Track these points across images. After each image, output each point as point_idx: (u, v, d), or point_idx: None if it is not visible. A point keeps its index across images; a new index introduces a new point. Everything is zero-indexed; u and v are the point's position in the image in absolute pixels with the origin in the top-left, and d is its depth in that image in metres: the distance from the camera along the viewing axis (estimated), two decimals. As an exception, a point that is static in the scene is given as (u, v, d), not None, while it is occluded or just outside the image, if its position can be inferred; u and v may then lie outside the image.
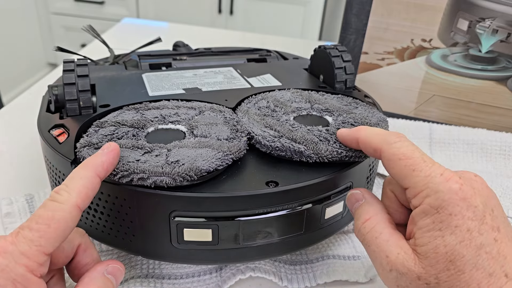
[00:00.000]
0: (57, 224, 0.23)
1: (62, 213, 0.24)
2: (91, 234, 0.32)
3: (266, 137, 0.32)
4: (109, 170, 0.27)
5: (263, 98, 0.39)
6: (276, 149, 0.31)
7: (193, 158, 0.28)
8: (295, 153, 0.31)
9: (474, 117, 0.55)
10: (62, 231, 0.24)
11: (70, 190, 0.25)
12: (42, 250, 0.23)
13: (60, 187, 0.25)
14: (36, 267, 0.23)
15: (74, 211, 0.24)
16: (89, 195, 0.25)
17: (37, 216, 0.23)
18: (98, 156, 0.27)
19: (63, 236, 0.24)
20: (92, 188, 0.26)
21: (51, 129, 0.34)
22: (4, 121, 0.55)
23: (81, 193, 0.25)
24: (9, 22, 1.88)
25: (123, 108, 0.36)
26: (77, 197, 0.25)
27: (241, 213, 0.28)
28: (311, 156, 0.30)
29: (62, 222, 0.24)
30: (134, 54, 0.52)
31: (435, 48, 0.53)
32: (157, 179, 0.27)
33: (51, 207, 0.24)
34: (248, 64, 0.51)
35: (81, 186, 0.25)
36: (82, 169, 0.26)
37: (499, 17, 0.49)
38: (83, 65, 0.36)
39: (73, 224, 0.24)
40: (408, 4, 0.51)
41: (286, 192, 0.28)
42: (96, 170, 0.26)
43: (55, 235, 0.23)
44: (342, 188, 0.31)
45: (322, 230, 0.32)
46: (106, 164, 0.27)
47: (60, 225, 0.23)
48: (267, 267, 0.34)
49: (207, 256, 0.30)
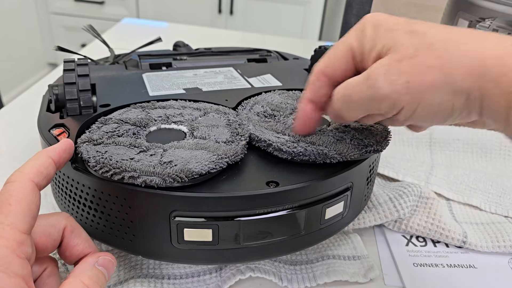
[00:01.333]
0: (17, 199, 0.24)
1: (17, 189, 0.24)
2: (91, 234, 0.32)
3: (285, 143, 0.31)
4: (60, 154, 0.28)
5: (256, 102, 0.38)
6: (299, 154, 0.30)
7: (187, 159, 0.28)
8: (319, 156, 0.30)
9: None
10: (26, 206, 0.24)
11: (21, 169, 0.26)
12: (15, 227, 0.23)
13: (15, 171, 0.26)
14: (16, 245, 0.23)
15: (29, 184, 0.25)
16: (41, 171, 0.26)
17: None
18: (50, 146, 0.28)
19: (28, 210, 0.24)
20: (44, 165, 0.26)
21: (51, 128, 0.34)
22: (4, 121, 0.55)
23: (33, 168, 0.26)
24: (9, 22, 1.88)
25: (130, 105, 0.36)
26: (28, 172, 0.25)
27: (241, 213, 0.28)
28: (335, 157, 0.30)
29: (20, 197, 0.24)
30: (134, 54, 0.52)
31: None
32: (147, 179, 0.27)
33: (7, 188, 0.24)
34: (248, 64, 0.51)
35: (32, 163, 0.26)
36: (36, 153, 0.27)
37: (499, 17, 0.49)
38: (84, 64, 0.36)
39: (33, 197, 0.25)
40: (408, 4, 0.51)
41: (286, 192, 0.28)
42: (47, 153, 0.27)
43: (20, 209, 0.23)
44: (343, 189, 0.31)
45: (322, 230, 0.32)
46: (58, 149, 0.28)
47: (20, 200, 0.24)
48: (267, 267, 0.34)
49: (207, 256, 0.30)
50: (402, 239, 0.40)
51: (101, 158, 0.28)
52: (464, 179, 0.47)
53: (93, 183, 0.29)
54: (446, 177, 0.47)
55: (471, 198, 0.45)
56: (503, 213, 0.43)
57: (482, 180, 0.47)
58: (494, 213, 0.43)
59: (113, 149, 0.29)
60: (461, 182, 0.47)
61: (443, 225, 0.39)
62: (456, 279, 0.36)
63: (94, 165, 0.28)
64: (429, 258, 0.38)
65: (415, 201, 0.40)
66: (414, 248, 0.39)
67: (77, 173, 0.30)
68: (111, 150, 0.29)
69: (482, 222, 0.42)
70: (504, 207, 0.44)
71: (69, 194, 0.31)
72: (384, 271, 0.36)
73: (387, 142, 0.33)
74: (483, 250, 0.38)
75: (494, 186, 0.46)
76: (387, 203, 0.39)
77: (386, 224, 0.40)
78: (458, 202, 0.45)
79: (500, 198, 0.45)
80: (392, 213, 0.39)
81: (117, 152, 0.29)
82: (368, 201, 0.38)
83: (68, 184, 0.31)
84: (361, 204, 0.35)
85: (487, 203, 0.44)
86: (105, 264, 0.28)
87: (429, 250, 0.39)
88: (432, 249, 0.39)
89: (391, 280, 0.35)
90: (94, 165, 0.28)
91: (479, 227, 0.41)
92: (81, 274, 0.26)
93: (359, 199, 0.34)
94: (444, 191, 0.45)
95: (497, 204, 0.44)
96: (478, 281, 0.36)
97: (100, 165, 0.28)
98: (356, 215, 0.36)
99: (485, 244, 0.39)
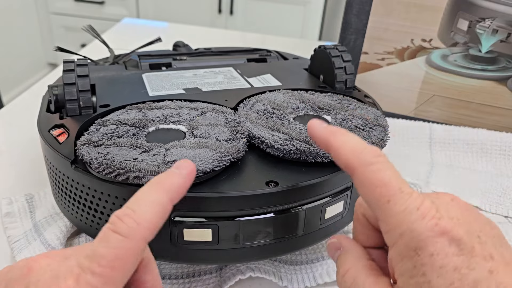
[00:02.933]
0: (123, 264, 0.20)
1: (128, 251, 0.20)
2: (91, 234, 0.32)
3: (277, 140, 0.31)
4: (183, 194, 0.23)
5: (258, 101, 0.38)
6: (290, 152, 0.31)
7: (190, 158, 0.28)
8: (311, 154, 0.30)
9: (474, 117, 0.55)
10: (127, 271, 0.20)
11: (137, 218, 0.20)
12: None
13: (124, 211, 0.20)
14: None
15: (142, 245, 0.20)
16: (159, 226, 0.21)
17: (99, 256, 0.19)
18: (175, 177, 0.23)
19: (128, 275, 0.20)
20: (164, 217, 0.21)
21: (51, 129, 0.34)
22: (4, 121, 0.55)
23: (151, 223, 0.20)
24: (9, 22, 1.88)
25: (126, 107, 0.36)
26: (146, 229, 0.20)
27: (241, 213, 0.28)
28: (326, 156, 0.30)
29: (128, 261, 0.20)
30: (134, 54, 0.52)
31: (435, 48, 0.53)
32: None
33: (115, 243, 0.20)
34: (248, 64, 0.51)
35: (152, 214, 0.21)
36: (154, 191, 0.21)
37: (499, 17, 0.49)
38: (83, 65, 0.36)
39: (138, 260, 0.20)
40: (408, 4, 0.51)
41: (286, 192, 0.28)
42: (170, 195, 0.22)
43: (120, 276, 0.20)
44: (342, 188, 0.31)
45: (322, 230, 0.32)
46: (183, 189, 0.23)
47: (126, 265, 0.20)
48: (267, 267, 0.34)
49: (207, 256, 0.30)
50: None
51: (104, 159, 0.28)
52: (464, 179, 0.47)
53: (94, 184, 0.29)
54: (446, 177, 0.47)
55: (471, 198, 0.45)
56: (503, 213, 0.43)
57: (482, 180, 0.47)
58: (494, 213, 0.43)
59: (115, 150, 0.29)
60: (461, 182, 0.47)
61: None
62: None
63: (97, 166, 0.28)
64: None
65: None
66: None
67: (77, 174, 0.30)
68: (113, 151, 0.29)
69: (483, 222, 0.42)
70: (505, 207, 0.44)
71: (69, 194, 0.31)
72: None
73: (384, 143, 0.33)
74: None
75: (494, 186, 0.46)
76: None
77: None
78: (459, 202, 0.45)
79: (500, 198, 0.45)
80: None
81: (119, 153, 0.29)
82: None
83: (68, 185, 0.31)
84: (361, 204, 0.35)
85: (488, 203, 0.44)
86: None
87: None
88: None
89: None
90: (97, 167, 0.28)
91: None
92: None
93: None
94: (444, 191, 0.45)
95: (497, 204, 0.44)
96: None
97: (104, 166, 0.28)
98: (356, 215, 0.35)
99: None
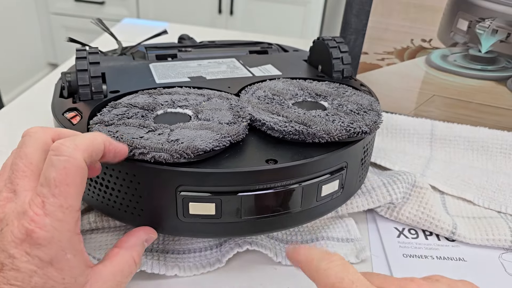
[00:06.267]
0: (74, 178, 0.23)
1: (73, 168, 0.23)
2: (101, 210, 0.34)
3: (277, 123, 0.34)
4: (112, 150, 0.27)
5: (259, 88, 0.41)
6: (289, 133, 0.33)
7: (192, 138, 0.31)
8: (308, 135, 0.33)
9: (474, 117, 0.54)
10: (81, 187, 0.23)
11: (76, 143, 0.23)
12: (73, 209, 0.23)
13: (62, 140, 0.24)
14: (74, 225, 0.23)
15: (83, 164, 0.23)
16: (93, 155, 0.24)
17: (52, 179, 0.22)
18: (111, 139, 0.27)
19: (83, 185, 0.23)
20: (97, 151, 0.25)
21: (64, 112, 0.36)
22: (4, 121, 0.54)
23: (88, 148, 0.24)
24: (9, 22, 1.89)
25: (138, 92, 0.39)
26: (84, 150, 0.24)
27: (242, 188, 0.30)
28: (323, 136, 0.33)
29: (78, 175, 0.23)
30: (141, 46, 0.54)
31: (435, 48, 0.53)
32: (156, 155, 0.29)
33: (61, 163, 0.23)
34: (250, 56, 0.53)
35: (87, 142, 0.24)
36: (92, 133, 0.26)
37: (499, 17, 0.49)
38: (95, 53, 0.38)
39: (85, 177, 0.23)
40: (408, 4, 0.51)
41: (284, 169, 0.30)
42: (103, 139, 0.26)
43: (77, 189, 0.23)
44: (338, 168, 0.33)
45: (319, 207, 0.34)
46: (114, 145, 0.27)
47: (77, 178, 0.23)
48: (264, 242, 0.35)
49: (210, 229, 0.32)
50: (394, 231, 0.40)
51: (113, 136, 0.30)
52: (459, 174, 0.47)
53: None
54: (442, 171, 0.47)
55: (465, 192, 0.45)
56: (496, 208, 0.43)
57: (478, 175, 0.47)
58: (487, 208, 0.43)
59: (123, 129, 0.31)
60: (456, 177, 0.47)
61: (433, 214, 0.39)
62: (445, 271, 0.36)
63: None
64: (419, 250, 0.38)
65: (408, 189, 0.41)
66: (405, 240, 0.39)
67: None
68: (121, 130, 0.31)
69: (474, 216, 0.42)
70: (498, 203, 0.44)
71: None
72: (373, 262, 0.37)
73: (377, 126, 0.35)
74: (472, 242, 0.39)
75: (489, 181, 0.46)
76: (380, 187, 0.40)
77: (379, 210, 0.41)
78: (452, 195, 0.45)
79: (494, 193, 0.45)
80: (385, 197, 0.40)
81: (128, 131, 0.31)
82: (362, 183, 0.40)
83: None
84: (356, 185, 0.38)
85: (481, 198, 0.44)
86: (150, 242, 0.31)
87: (420, 242, 0.39)
88: (423, 242, 0.39)
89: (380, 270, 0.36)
90: None
91: (470, 221, 0.41)
92: (132, 249, 0.28)
93: (353, 179, 0.36)
94: (439, 184, 0.45)
95: (490, 199, 0.44)
96: (466, 273, 0.36)
97: None
98: (350, 195, 0.38)
99: (474, 236, 0.39)
